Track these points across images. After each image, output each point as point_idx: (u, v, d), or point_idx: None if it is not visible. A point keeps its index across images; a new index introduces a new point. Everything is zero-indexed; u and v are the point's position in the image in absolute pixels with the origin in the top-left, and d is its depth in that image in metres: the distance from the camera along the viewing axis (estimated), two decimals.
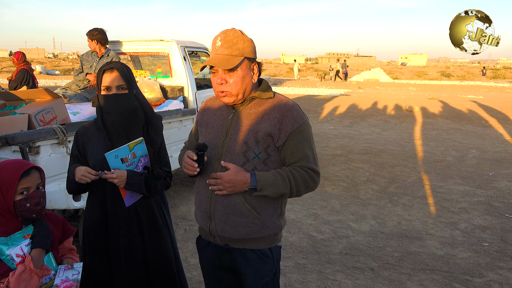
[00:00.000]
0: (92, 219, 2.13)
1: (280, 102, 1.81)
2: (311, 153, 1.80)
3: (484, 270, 3.53)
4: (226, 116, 1.85)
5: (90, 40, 4.84)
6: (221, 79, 1.74)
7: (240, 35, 1.76)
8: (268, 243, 1.85)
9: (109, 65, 2.05)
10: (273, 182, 1.71)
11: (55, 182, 3.12)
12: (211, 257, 1.92)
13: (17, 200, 1.62)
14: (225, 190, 1.73)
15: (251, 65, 1.80)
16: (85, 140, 2.12)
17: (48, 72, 37.25)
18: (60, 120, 3.50)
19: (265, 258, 1.84)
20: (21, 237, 1.63)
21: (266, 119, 1.76)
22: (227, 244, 1.85)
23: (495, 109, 14.52)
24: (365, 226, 4.46)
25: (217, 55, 1.75)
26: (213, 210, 1.79)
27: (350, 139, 9.56)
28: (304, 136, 1.78)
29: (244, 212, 1.76)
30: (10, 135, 2.80)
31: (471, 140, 9.65)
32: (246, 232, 1.78)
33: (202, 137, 1.91)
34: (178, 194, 5.46)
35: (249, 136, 1.76)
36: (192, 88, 5.33)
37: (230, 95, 1.77)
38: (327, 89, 24.86)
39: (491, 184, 6.07)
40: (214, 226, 1.80)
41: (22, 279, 1.52)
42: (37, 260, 1.59)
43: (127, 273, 2.10)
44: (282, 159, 1.80)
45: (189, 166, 1.75)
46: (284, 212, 1.92)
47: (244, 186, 1.72)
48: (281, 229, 1.89)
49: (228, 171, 1.72)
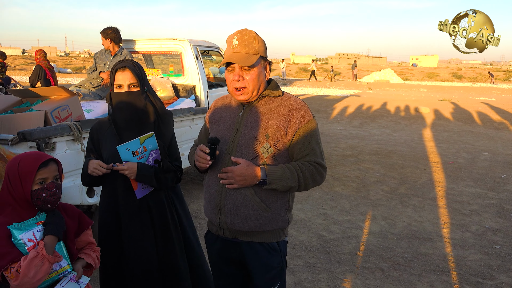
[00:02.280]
0: (106, 210, 2.20)
1: (289, 100, 1.89)
2: (318, 148, 1.87)
3: (495, 272, 3.51)
4: (237, 113, 1.92)
5: (104, 39, 4.89)
6: (238, 76, 1.81)
7: (255, 35, 1.85)
8: (275, 236, 1.91)
9: (121, 63, 2.12)
10: (282, 175, 1.78)
11: (70, 178, 3.18)
12: (220, 251, 1.97)
13: (34, 189, 1.66)
14: (236, 183, 1.79)
15: (264, 64, 1.89)
16: (99, 135, 2.21)
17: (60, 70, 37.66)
18: (75, 117, 3.55)
19: (272, 252, 1.89)
20: (34, 223, 1.67)
21: (275, 115, 1.84)
22: (235, 237, 1.90)
23: (507, 112, 14.36)
24: (375, 227, 4.46)
25: (235, 53, 1.82)
26: (223, 203, 1.84)
27: (360, 140, 9.52)
28: (311, 132, 1.85)
29: (253, 204, 1.81)
30: (27, 131, 2.86)
31: (483, 142, 9.55)
32: (255, 224, 1.83)
33: (213, 133, 1.96)
34: (189, 192, 5.51)
35: (260, 132, 1.83)
36: (204, 87, 5.37)
37: (247, 92, 1.84)
38: (337, 90, 24.78)
39: (503, 187, 6.01)
40: (224, 219, 1.85)
41: (34, 265, 1.55)
42: (50, 247, 1.62)
43: (139, 264, 2.15)
44: (290, 154, 1.87)
45: (201, 159, 1.80)
46: (291, 207, 1.97)
47: (254, 180, 1.78)
48: (288, 223, 1.94)
49: (239, 165, 1.78)
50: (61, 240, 1.71)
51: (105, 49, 5.01)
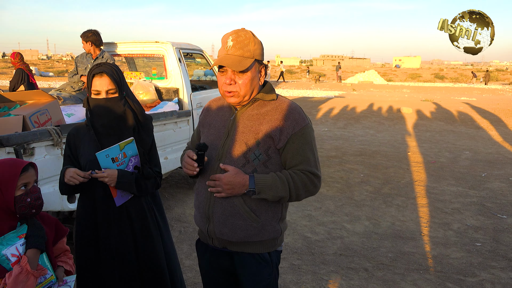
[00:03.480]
0: (83, 218, 2.14)
1: (282, 104, 1.78)
2: (312, 156, 1.76)
3: (476, 269, 3.57)
4: (228, 117, 1.83)
5: (85, 42, 4.83)
6: (230, 80, 1.72)
7: (251, 37, 1.73)
8: (266, 247, 1.82)
9: (98, 68, 2.03)
10: (272, 185, 1.68)
11: (50, 183, 3.12)
12: (210, 260, 1.91)
13: (17, 195, 1.62)
14: (224, 192, 1.70)
15: (259, 68, 1.79)
16: (76, 141, 2.14)
17: (42, 74, 37.06)
18: (55, 121, 3.49)
19: (263, 263, 1.81)
20: (16, 236, 1.62)
21: (267, 120, 1.74)
22: (225, 247, 1.82)
23: (487, 111, 14.66)
24: (359, 227, 4.49)
25: (228, 55, 1.72)
26: (211, 211, 1.77)
27: (344, 141, 9.60)
28: (305, 139, 1.75)
29: (242, 214, 1.73)
30: (5, 137, 2.79)
31: (464, 141, 9.73)
32: (244, 235, 1.75)
33: (204, 137, 1.90)
34: (173, 196, 5.46)
35: (250, 137, 1.73)
36: (187, 89, 5.34)
37: (238, 95, 1.75)
38: (322, 91, 24.94)
39: (483, 185, 6.13)
40: (212, 227, 1.78)
41: (19, 281, 1.51)
42: (33, 261, 1.59)
43: (119, 273, 2.11)
44: (283, 161, 1.77)
45: (188, 166, 1.73)
46: (285, 216, 1.88)
47: (242, 189, 1.69)
48: (281, 233, 1.85)
49: (227, 173, 1.69)
50: (44, 252, 1.68)
51: (86, 52, 4.95)
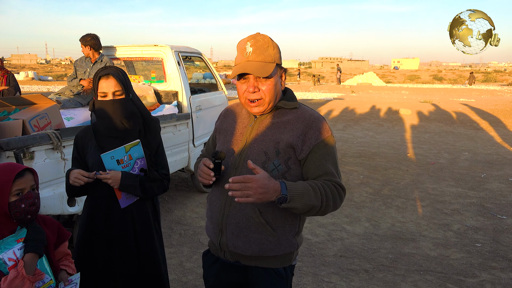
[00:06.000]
0: (88, 219, 2.15)
1: (305, 113, 1.70)
2: (335, 168, 1.67)
3: (477, 270, 3.57)
4: (247, 124, 1.75)
5: (84, 46, 4.84)
6: (254, 87, 1.63)
7: (269, 41, 1.67)
8: (282, 262, 1.72)
9: (104, 71, 2.05)
10: (303, 192, 1.53)
11: (50, 187, 3.12)
12: (219, 273, 1.81)
13: (11, 201, 1.62)
14: (254, 196, 1.46)
15: (280, 72, 1.71)
16: (84, 143, 2.16)
17: (41, 78, 37.09)
18: (54, 125, 3.49)
19: (278, 278, 1.71)
20: (14, 240, 1.62)
21: (289, 129, 1.65)
22: (238, 261, 1.73)
23: (486, 112, 14.69)
24: (359, 229, 4.49)
25: (250, 62, 1.63)
26: (225, 223, 1.68)
27: (344, 143, 9.61)
28: (328, 150, 1.65)
29: (258, 227, 1.64)
30: (4, 141, 2.79)
31: (463, 142, 9.75)
32: (259, 249, 1.66)
33: (220, 144, 1.81)
34: (173, 198, 5.46)
35: (270, 146, 1.64)
36: (186, 93, 5.35)
37: (263, 103, 1.66)
38: (321, 93, 24.99)
39: (483, 186, 6.14)
40: (225, 240, 1.69)
41: (15, 285, 1.50)
42: (30, 265, 1.58)
43: (120, 275, 2.11)
44: (305, 172, 1.66)
45: (204, 174, 1.64)
46: (301, 230, 1.77)
47: (274, 194, 1.49)
48: (297, 247, 1.75)
49: (260, 175, 1.48)
50: (43, 256, 1.67)
51: (85, 56, 4.96)
